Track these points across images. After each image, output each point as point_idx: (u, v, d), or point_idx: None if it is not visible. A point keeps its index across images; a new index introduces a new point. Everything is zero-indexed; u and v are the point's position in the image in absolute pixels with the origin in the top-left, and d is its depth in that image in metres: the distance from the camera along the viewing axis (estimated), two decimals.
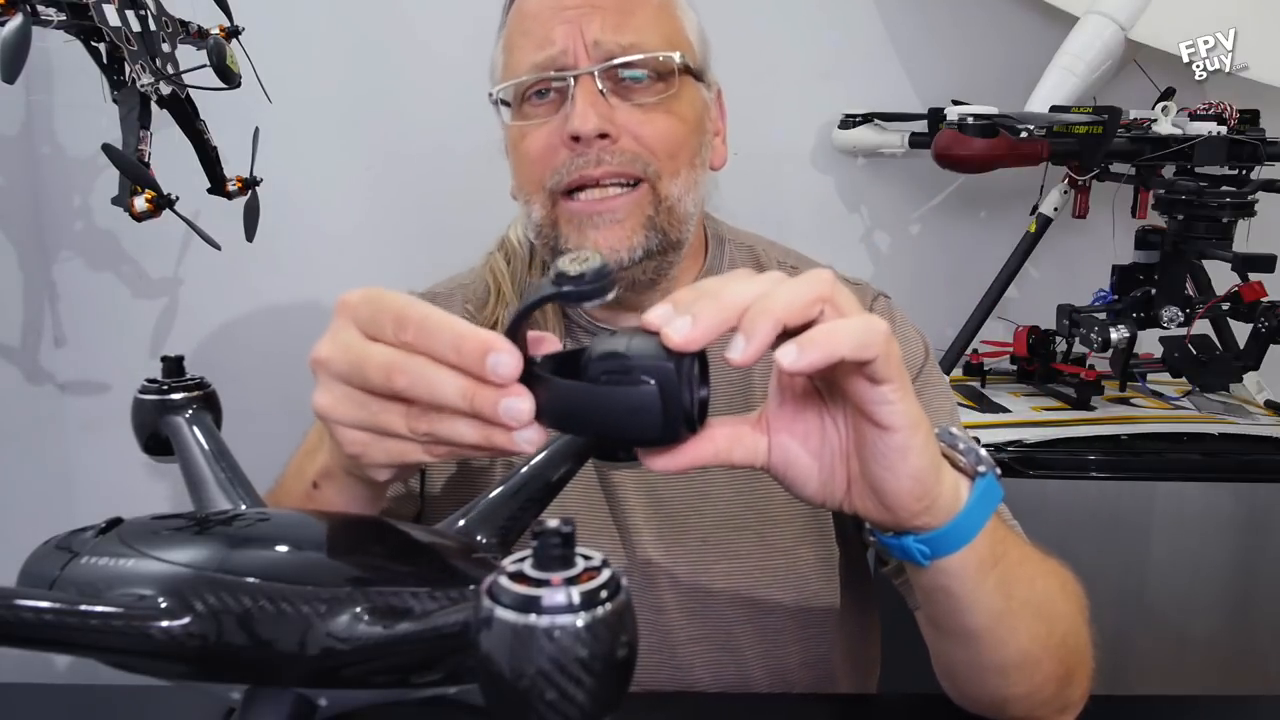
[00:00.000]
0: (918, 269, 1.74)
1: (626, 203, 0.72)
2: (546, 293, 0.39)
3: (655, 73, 0.74)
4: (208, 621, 0.39)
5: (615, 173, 0.72)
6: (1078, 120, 1.37)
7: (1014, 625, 0.58)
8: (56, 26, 0.98)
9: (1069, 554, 0.64)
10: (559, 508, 0.47)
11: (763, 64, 1.65)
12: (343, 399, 0.44)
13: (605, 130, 0.71)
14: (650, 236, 0.73)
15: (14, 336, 1.56)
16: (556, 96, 0.73)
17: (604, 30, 0.72)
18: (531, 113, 0.75)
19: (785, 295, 0.42)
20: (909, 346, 0.81)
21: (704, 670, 0.79)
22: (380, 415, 0.44)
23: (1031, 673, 0.61)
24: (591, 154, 0.71)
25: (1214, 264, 1.37)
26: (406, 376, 0.42)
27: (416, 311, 0.42)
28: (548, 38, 0.73)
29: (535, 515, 0.51)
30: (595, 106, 0.71)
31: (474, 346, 0.40)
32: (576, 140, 0.71)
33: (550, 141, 0.73)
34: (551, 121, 0.73)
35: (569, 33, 0.72)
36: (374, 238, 1.66)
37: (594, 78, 0.72)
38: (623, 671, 0.31)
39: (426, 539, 0.46)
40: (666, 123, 0.73)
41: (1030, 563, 0.59)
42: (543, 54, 0.73)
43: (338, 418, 0.45)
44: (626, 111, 0.72)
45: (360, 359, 0.43)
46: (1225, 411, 1.42)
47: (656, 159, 0.73)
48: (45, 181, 1.59)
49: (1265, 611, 1.36)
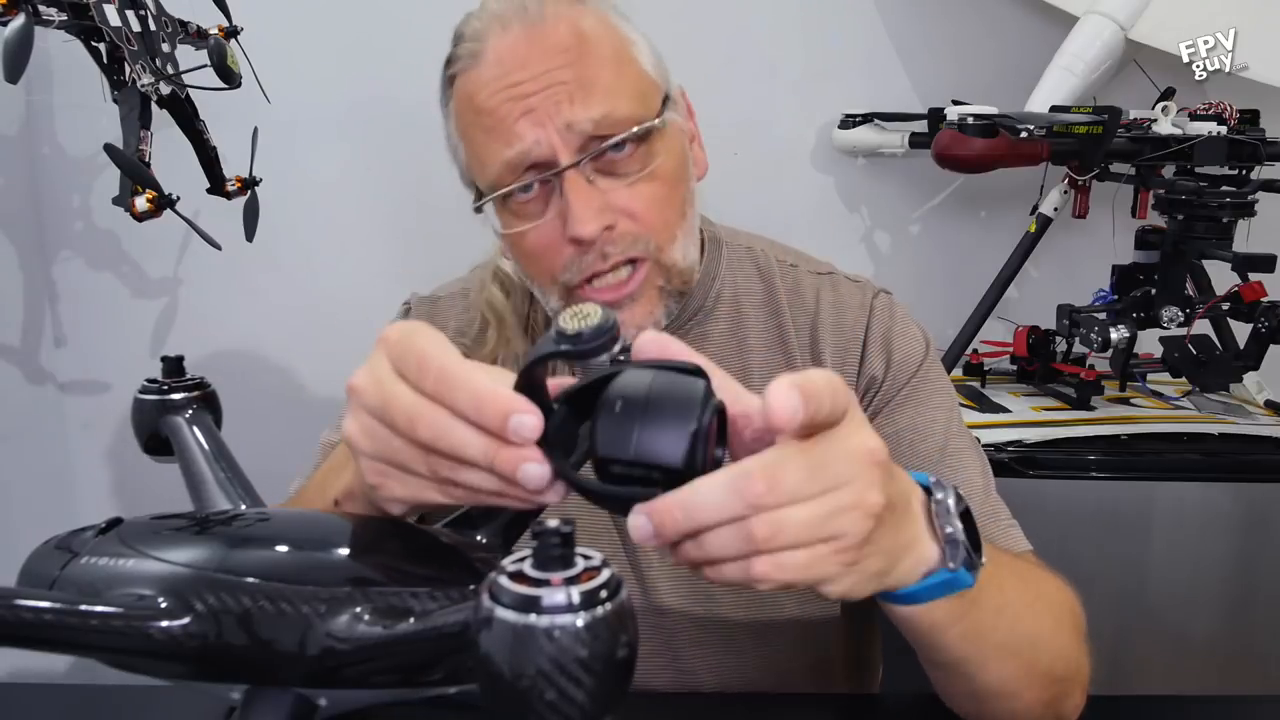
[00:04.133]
0: (918, 269, 1.74)
1: (639, 281, 0.71)
2: (546, 350, 0.39)
3: (636, 139, 0.69)
4: (207, 621, 0.39)
5: (621, 261, 0.70)
6: (1078, 120, 1.37)
7: (983, 665, 0.58)
8: (57, 26, 0.98)
9: (1069, 554, 0.64)
10: (558, 510, 0.47)
11: (763, 64, 1.65)
12: (369, 431, 0.44)
13: (606, 224, 0.68)
14: (669, 304, 0.73)
15: (14, 336, 1.57)
16: (542, 190, 0.70)
17: (573, 111, 0.67)
18: (522, 210, 0.71)
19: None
20: (909, 344, 0.80)
21: (706, 673, 0.79)
22: (401, 453, 0.44)
23: (1011, 701, 0.61)
24: (596, 249, 0.69)
25: (1214, 264, 1.37)
26: (430, 430, 0.42)
27: (437, 362, 0.42)
28: (513, 132, 0.67)
29: (535, 516, 0.51)
30: (590, 205, 0.67)
31: (494, 410, 0.40)
32: (579, 242, 0.69)
33: (551, 241, 0.70)
34: (546, 220, 0.70)
35: (536, 120, 0.67)
36: (373, 238, 1.66)
37: (580, 168, 0.68)
38: (623, 671, 0.31)
39: (426, 539, 0.46)
40: (656, 190, 0.70)
41: (1013, 607, 0.58)
42: (513, 150, 0.68)
43: (363, 448, 0.45)
44: (617, 193, 0.69)
45: (388, 400, 0.43)
46: (1225, 411, 1.42)
47: (655, 234, 0.71)
48: (45, 181, 1.59)
49: (1265, 611, 1.36)
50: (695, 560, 0.41)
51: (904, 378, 0.78)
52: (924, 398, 0.78)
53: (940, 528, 0.50)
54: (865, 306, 0.81)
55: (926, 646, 0.57)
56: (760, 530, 0.40)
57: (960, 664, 0.58)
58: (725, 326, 0.81)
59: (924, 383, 0.79)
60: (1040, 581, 0.64)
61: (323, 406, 0.81)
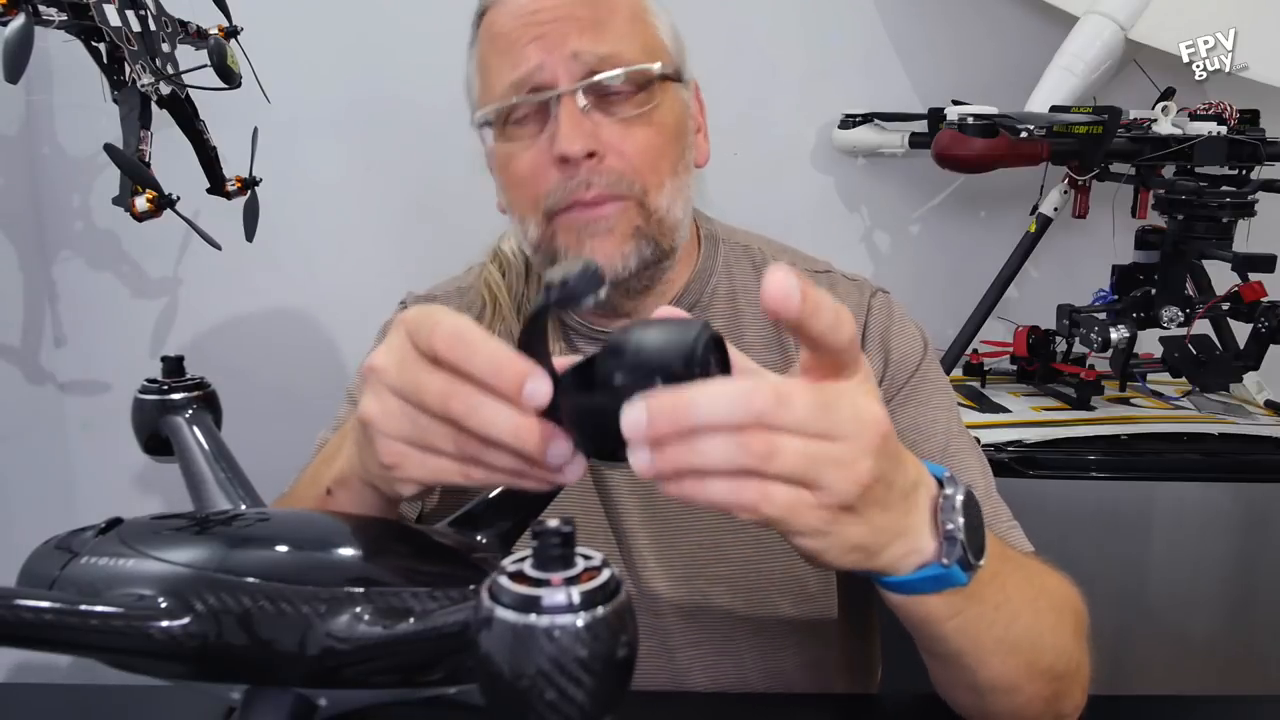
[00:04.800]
0: (918, 269, 1.74)
1: (615, 209, 0.72)
2: (538, 305, 0.40)
3: (635, 84, 0.72)
4: (208, 621, 0.39)
5: (605, 196, 0.72)
6: (1078, 120, 1.37)
7: (982, 659, 0.58)
8: (57, 26, 0.98)
9: (1069, 554, 0.64)
10: (554, 511, 0.47)
11: (763, 64, 1.65)
12: (394, 412, 0.45)
13: (592, 149, 0.70)
14: (643, 246, 0.73)
15: (14, 336, 1.56)
16: (539, 114, 0.72)
17: (581, 42, 0.71)
18: (516, 134, 0.74)
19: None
20: (908, 343, 0.80)
21: (702, 673, 0.79)
22: (429, 432, 0.44)
23: (1012, 696, 0.61)
24: (580, 175, 0.71)
25: (1214, 264, 1.37)
26: (463, 405, 0.42)
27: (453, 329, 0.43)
28: (522, 55, 0.71)
29: (534, 516, 0.51)
30: (580, 126, 0.70)
31: (511, 373, 0.41)
32: (564, 161, 0.70)
33: (539, 162, 0.72)
34: (538, 142, 0.72)
35: (544, 47, 0.71)
36: (373, 237, 1.66)
37: (575, 95, 0.71)
38: (622, 671, 0.31)
39: (427, 539, 0.46)
40: (648, 135, 0.73)
41: (1012, 604, 0.58)
42: (519, 72, 0.71)
43: (385, 429, 0.45)
44: (609, 127, 0.72)
45: (417, 378, 0.44)
46: (1225, 411, 1.42)
47: (641, 176, 0.72)
48: (45, 181, 1.59)
49: (1265, 611, 1.36)
50: (681, 468, 0.40)
51: (903, 377, 0.78)
52: (924, 397, 0.78)
53: (942, 523, 0.50)
54: (863, 306, 0.81)
55: (923, 636, 0.57)
56: (756, 444, 0.40)
57: (958, 657, 0.57)
58: (721, 324, 0.81)
59: (923, 382, 0.79)
60: (1043, 578, 0.64)
61: (322, 406, 0.80)
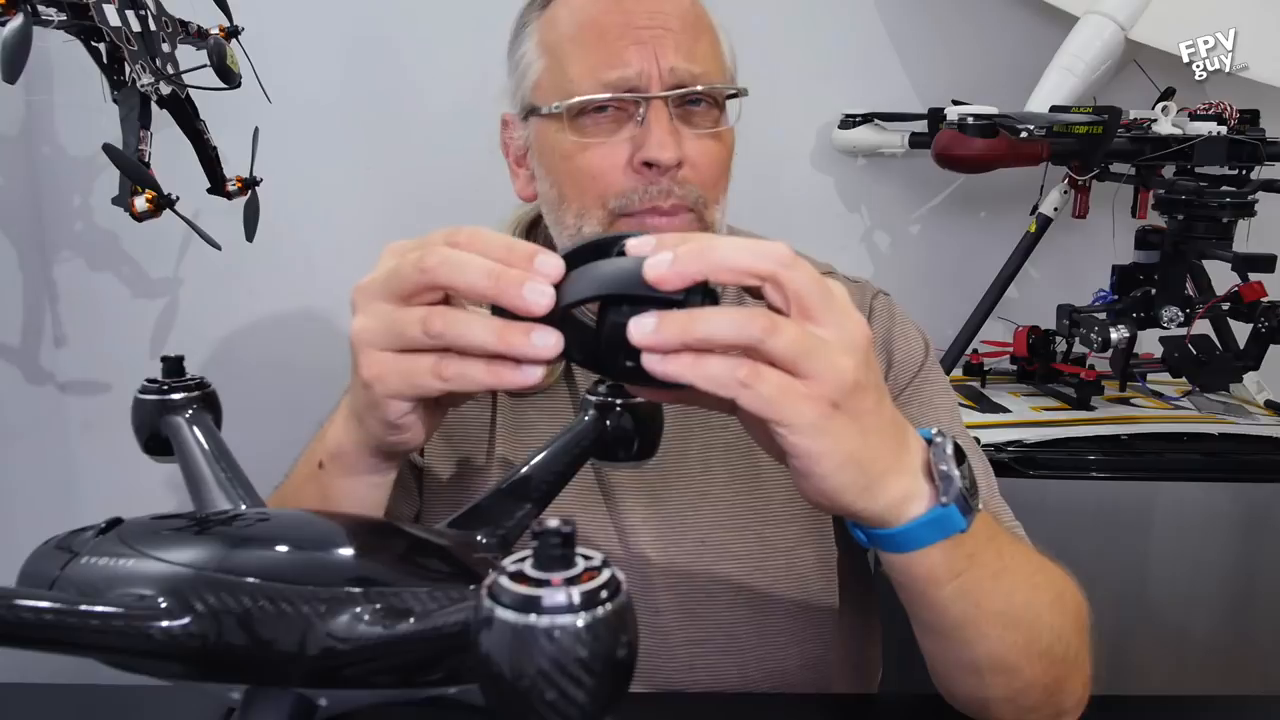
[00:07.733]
0: (918, 269, 1.74)
1: (685, 220, 0.74)
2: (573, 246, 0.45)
3: (714, 102, 0.75)
4: (208, 621, 0.39)
5: (680, 206, 0.73)
6: (1078, 120, 1.37)
7: (981, 631, 0.57)
8: (57, 26, 0.98)
9: (1069, 554, 0.64)
10: (556, 509, 0.47)
11: (763, 64, 1.65)
12: (374, 312, 0.48)
13: (680, 159, 0.71)
14: None
15: (14, 336, 1.56)
16: (618, 114, 0.73)
17: (678, 56, 0.72)
18: (591, 128, 0.73)
19: (731, 251, 0.44)
20: (909, 344, 0.80)
21: (703, 671, 0.79)
22: (402, 323, 0.46)
23: (1010, 678, 0.60)
24: (664, 183, 0.71)
25: (1214, 264, 1.37)
26: (445, 267, 0.45)
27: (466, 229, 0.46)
28: (620, 57, 0.72)
29: (535, 515, 0.51)
30: (672, 135, 0.71)
31: (523, 250, 0.44)
32: (649, 167, 0.71)
33: (614, 161, 0.72)
34: (614, 141, 0.72)
35: (644, 54, 0.71)
36: (374, 238, 1.64)
37: (667, 104, 0.72)
38: (623, 671, 0.31)
39: (426, 538, 0.46)
40: (719, 152, 0.75)
41: (1011, 574, 0.58)
42: (615, 74, 0.71)
43: (365, 337, 0.48)
44: (691, 141, 0.73)
45: (399, 265, 0.47)
46: (1225, 411, 1.42)
47: (708, 190, 0.74)
48: (45, 181, 1.59)
49: (1265, 611, 1.36)
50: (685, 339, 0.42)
51: (905, 379, 0.79)
52: (926, 399, 0.78)
53: (935, 464, 0.50)
54: (865, 307, 0.81)
55: (922, 606, 0.56)
56: (760, 319, 0.43)
57: (958, 629, 0.57)
58: None
59: (925, 384, 0.79)
60: (1042, 561, 0.63)
61: (323, 407, 0.80)
